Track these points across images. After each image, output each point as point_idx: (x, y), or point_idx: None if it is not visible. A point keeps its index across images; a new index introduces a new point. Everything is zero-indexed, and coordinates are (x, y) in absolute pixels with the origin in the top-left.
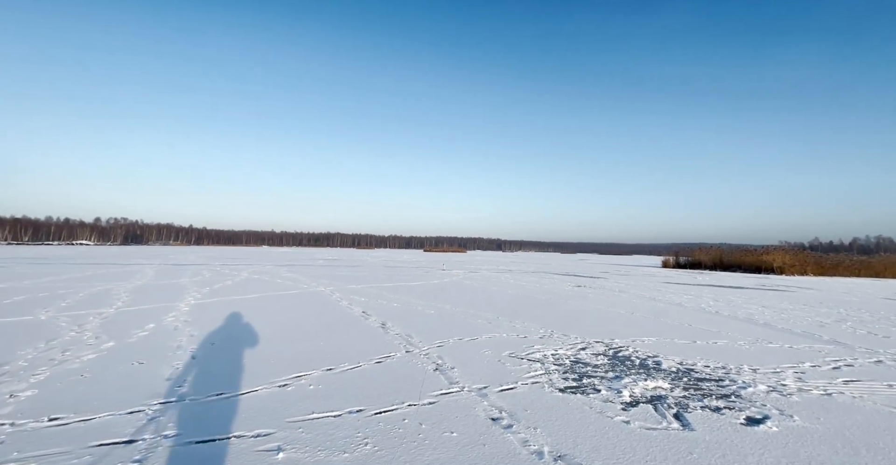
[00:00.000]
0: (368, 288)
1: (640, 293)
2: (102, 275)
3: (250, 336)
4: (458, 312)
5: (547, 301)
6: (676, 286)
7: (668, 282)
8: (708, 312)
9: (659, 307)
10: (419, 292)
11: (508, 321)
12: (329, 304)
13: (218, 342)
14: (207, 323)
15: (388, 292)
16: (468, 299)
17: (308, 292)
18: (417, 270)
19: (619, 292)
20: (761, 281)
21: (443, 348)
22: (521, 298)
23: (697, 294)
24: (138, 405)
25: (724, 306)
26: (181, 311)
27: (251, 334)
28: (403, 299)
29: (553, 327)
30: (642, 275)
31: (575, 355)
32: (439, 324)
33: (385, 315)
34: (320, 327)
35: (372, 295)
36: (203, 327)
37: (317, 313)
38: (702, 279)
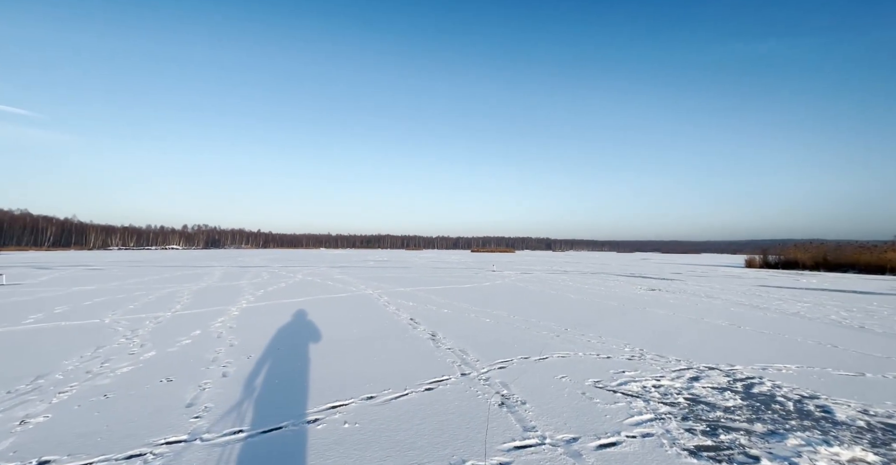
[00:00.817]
0: (417, 291)
1: (735, 299)
2: (178, 277)
3: (288, 349)
4: (516, 321)
5: (620, 309)
6: (779, 291)
7: (763, 285)
8: (846, 326)
9: (771, 319)
10: (470, 297)
11: (580, 335)
12: (376, 309)
13: (254, 356)
14: (251, 330)
15: (437, 295)
16: (526, 304)
17: (356, 296)
18: (466, 271)
19: (708, 297)
20: (884, 285)
21: (506, 370)
22: (588, 304)
23: (816, 302)
24: (142, 446)
25: (864, 318)
26: (230, 315)
27: (290, 347)
28: (454, 303)
29: (641, 345)
30: (726, 277)
31: (687, 388)
32: (497, 336)
33: (435, 324)
34: (364, 338)
35: (420, 299)
36: (245, 335)
37: (362, 320)
38: (807, 282)
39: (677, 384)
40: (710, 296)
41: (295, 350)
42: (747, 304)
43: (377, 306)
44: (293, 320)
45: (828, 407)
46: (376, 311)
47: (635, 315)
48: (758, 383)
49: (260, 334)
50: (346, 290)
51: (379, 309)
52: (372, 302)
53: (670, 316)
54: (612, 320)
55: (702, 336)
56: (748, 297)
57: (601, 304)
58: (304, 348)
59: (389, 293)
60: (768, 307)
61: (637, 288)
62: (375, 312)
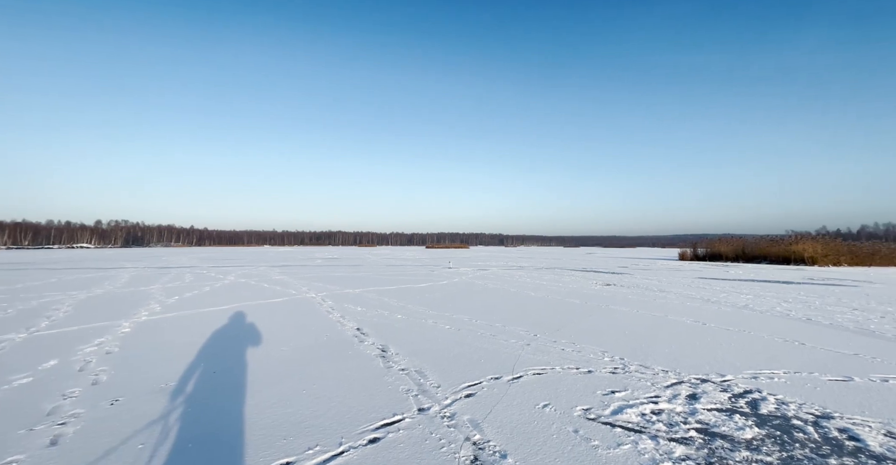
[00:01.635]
0: (367, 293)
1: (686, 293)
2: (69, 282)
3: (179, 384)
4: (480, 326)
5: (584, 307)
6: (718, 283)
7: (701, 277)
8: (795, 319)
9: (728, 314)
10: (427, 298)
11: (552, 341)
12: (316, 317)
13: (122, 401)
14: (136, 357)
15: (390, 297)
16: (488, 305)
17: (294, 301)
18: (422, 268)
19: (661, 291)
20: (804, 274)
21: (475, 399)
22: (551, 303)
23: (755, 293)
24: None
25: (805, 310)
26: (117, 334)
27: (183, 380)
28: (409, 307)
29: (619, 352)
30: (667, 270)
31: (692, 413)
32: (461, 349)
33: (386, 334)
34: (295, 360)
35: (371, 303)
36: (124, 364)
37: (296, 334)
38: (735, 273)
39: (679, 408)
40: (663, 290)
41: (188, 386)
42: (698, 297)
43: (318, 313)
44: (202, 337)
45: (853, 433)
46: (316, 320)
47: (601, 315)
48: (760, 399)
49: (147, 361)
50: (284, 293)
51: (320, 317)
52: (313, 308)
53: (634, 314)
54: (579, 321)
55: (674, 338)
56: (696, 290)
57: (564, 302)
58: (203, 382)
59: (335, 296)
60: (718, 301)
61: (593, 283)
62: (315, 321)
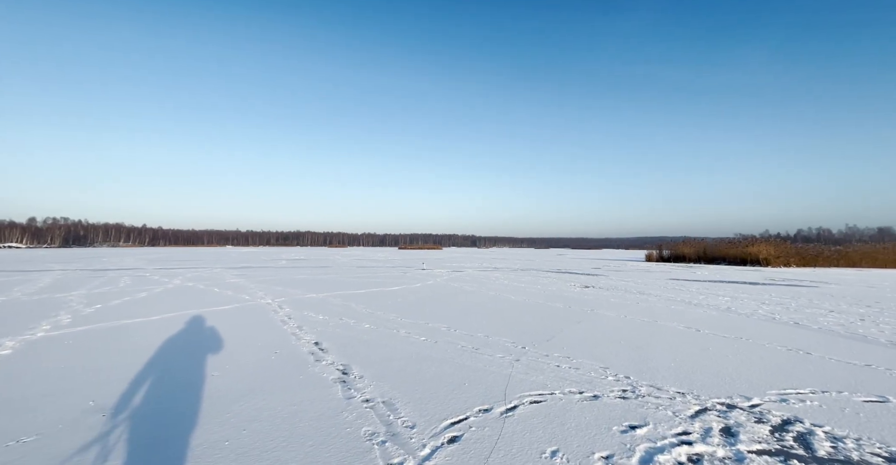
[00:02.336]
0: (332, 298)
1: (666, 295)
2: None
3: (38, 443)
4: (460, 337)
5: (570, 312)
6: (691, 284)
7: (673, 278)
8: (783, 323)
9: (716, 317)
10: (399, 303)
11: (544, 355)
12: (268, 329)
13: None
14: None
15: (359, 302)
16: (466, 311)
17: (246, 308)
18: (394, 270)
19: (640, 294)
20: (764, 275)
21: (462, 445)
22: (534, 307)
23: (731, 295)
24: None
25: (786, 312)
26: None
27: (50, 436)
28: (378, 314)
29: (623, 368)
30: (638, 271)
31: (739, 459)
32: (439, 368)
33: (350, 350)
34: (224, 392)
35: (335, 310)
36: None
37: (237, 352)
38: (702, 274)
39: (720, 452)
40: (642, 292)
41: (54, 446)
42: (679, 300)
43: (272, 323)
44: (108, 360)
45: None
46: (267, 332)
47: (589, 321)
48: (807, 433)
49: (13, 398)
50: (236, 299)
51: (272, 328)
52: (266, 317)
53: (623, 320)
54: (568, 329)
55: (674, 348)
56: (673, 291)
57: (547, 307)
58: (81, 432)
59: (294, 303)
60: (700, 303)
61: (572, 286)
62: (265, 333)
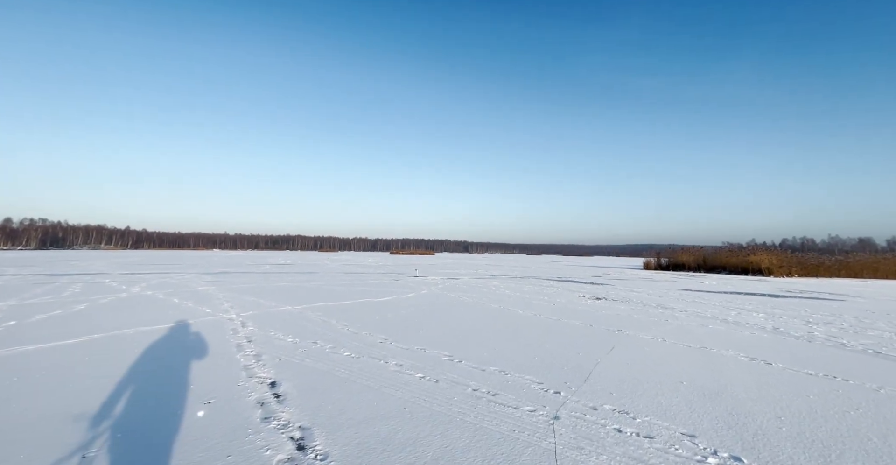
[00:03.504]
0: (311, 312)
1: (692, 311)
2: None
3: None
4: (468, 372)
5: (592, 334)
6: (708, 296)
7: (686, 289)
8: (858, 351)
9: (769, 342)
10: (390, 319)
11: (591, 407)
12: (212, 360)
13: None
14: None
15: (342, 318)
16: (470, 330)
17: (198, 327)
18: (385, 277)
19: (661, 308)
20: (777, 286)
21: None
22: (548, 326)
23: (763, 310)
24: None
25: (846, 335)
26: None
27: None
28: (364, 335)
29: (722, 441)
30: (642, 280)
31: None
32: (448, 434)
33: (317, 398)
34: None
35: (310, 329)
36: None
37: (149, 403)
38: (711, 284)
39: None
40: (663, 306)
41: None
42: (710, 316)
43: (222, 350)
44: None
45: None
46: (210, 366)
47: (623, 347)
48: None
49: None
50: (193, 314)
51: (220, 360)
52: (218, 341)
53: (664, 344)
54: (604, 360)
55: (765, 396)
56: (697, 305)
57: (564, 326)
58: None
59: (263, 318)
60: (738, 322)
61: (581, 297)
62: (206, 369)
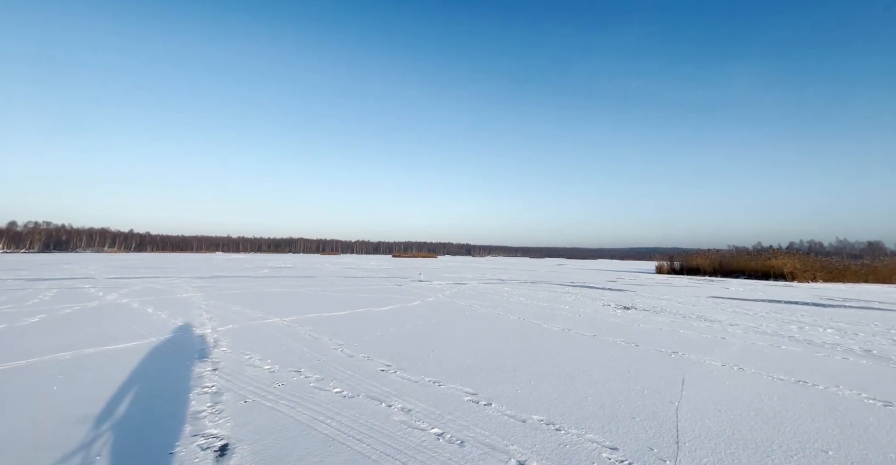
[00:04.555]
0: (300, 325)
1: (742, 324)
2: None
3: None
4: (506, 428)
5: (649, 359)
6: (747, 305)
7: (715, 297)
8: None
9: (876, 372)
10: (393, 336)
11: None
12: (149, 405)
13: None
14: None
15: (335, 334)
16: (489, 352)
17: (161, 346)
18: (388, 281)
19: (704, 320)
20: (809, 292)
21: None
22: (587, 347)
23: (827, 324)
24: None
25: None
26: None
27: None
28: (360, 359)
29: None
30: (662, 285)
31: None
32: None
33: None
34: None
35: (295, 351)
36: None
37: None
38: (738, 290)
39: None
40: (704, 317)
41: None
42: (773, 333)
43: (173, 385)
44: None
45: None
46: (142, 416)
47: (698, 380)
48: None
49: None
50: (163, 327)
51: (162, 402)
52: (174, 368)
53: (746, 377)
54: (684, 401)
55: None
56: (741, 316)
57: (605, 345)
58: None
59: (241, 334)
60: (813, 341)
61: (607, 306)
62: (136, 421)
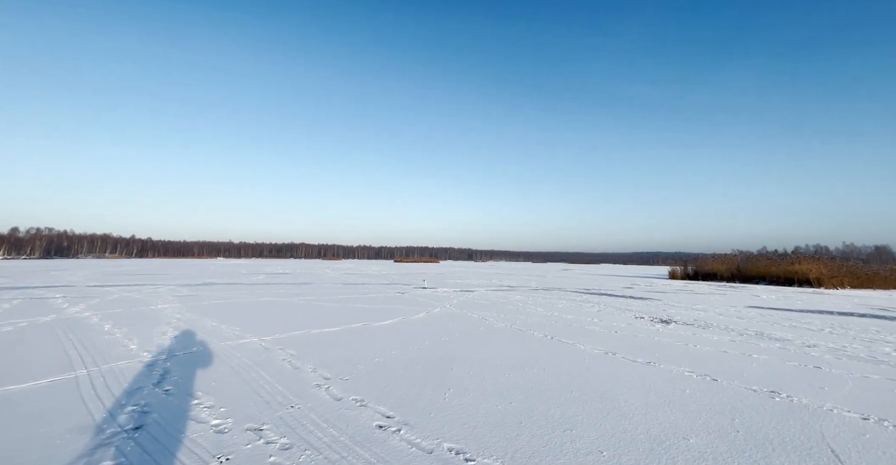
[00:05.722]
0: (280, 348)
1: (825, 345)
2: None
3: None
4: None
5: (742, 405)
6: (807, 318)
7: (754, 306)
8: None
9: None
10: (395, 362)
11: None
12: None
13: None
14: None
15: (321, 360)
16: (523, 391)
17: (78, 385)
18: (389, 288)
19: (768, 339)
20: (849, 302)
21: None
22: (643, 381)
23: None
24: None
25: None
26: None
27: None
28: (349, 406)
29: None
30: (684, 292)
31: None
32: None
33: None
34: None
35: (261, 391)
36: None
37: None
38: (770, 298)
39: None
40: (769, 335)
41: None
42: (867, 358)
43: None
44: None
45: None
46: None
47: (858, 453)
48: None
49: None
50: (107, 352)
51: None
52: (70, 433)
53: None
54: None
55: None
56: (807, 334)
57: (673, 378)
58: None
59: (199, 361)
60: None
61: (640, 319)
62: None
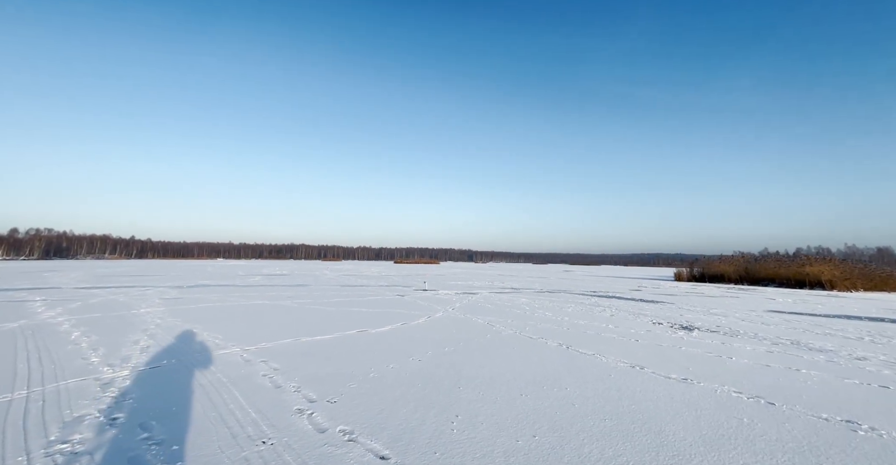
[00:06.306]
0: (263, 361)
1: (878, 357)
2: None
3: None
4: None
5: (818, 443)
6: (838, 324)
7: (773, 310)
8: None
9: None
10: (393, 378)
11: None
12: None
13: None
14: None
15: (308, 376)
16: (543, 416)
17: (28, 409)
18: (389, 290)
19: (807, 349)
20: (874, 305)
21: None
22: (689, 406)
23: None
24: None
25: None
26: None
27: None
28: (336, 444)
29: None
30: (694, 295)
31: None
32: None
33: None
34: None
35: (236, 412)
36: None
37: None
38: (787, 302)
39: None
40: (812, 347)
41: None
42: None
43: None
44: None
45: None
46: None
47: None
48: None
49: None
50: (63, 368)
51: None
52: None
53: None
54: None
55: None
56: (857, 345)
57: (725, 400)
58: None
59: (169, 378)
60: None
61: (659, 325)
62: None
